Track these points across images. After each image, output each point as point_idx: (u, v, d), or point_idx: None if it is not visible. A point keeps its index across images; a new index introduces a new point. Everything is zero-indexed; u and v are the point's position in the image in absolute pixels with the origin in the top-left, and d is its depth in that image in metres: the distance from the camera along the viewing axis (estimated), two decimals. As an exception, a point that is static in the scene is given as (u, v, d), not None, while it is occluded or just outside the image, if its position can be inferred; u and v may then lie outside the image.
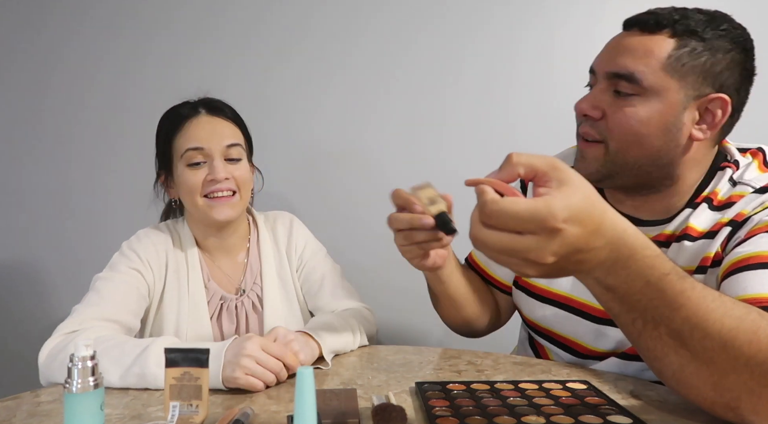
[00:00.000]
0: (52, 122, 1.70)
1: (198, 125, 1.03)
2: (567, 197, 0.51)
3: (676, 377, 0.59)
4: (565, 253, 0.51)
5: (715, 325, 0.55)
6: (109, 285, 0.96)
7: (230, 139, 1.04)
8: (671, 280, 0.55)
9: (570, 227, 0.50)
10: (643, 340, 0.59)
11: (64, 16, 1.67)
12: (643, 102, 0.76)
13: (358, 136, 1.61)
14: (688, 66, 0.75)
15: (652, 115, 0.76)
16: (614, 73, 0.77)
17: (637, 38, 0.77)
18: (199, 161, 1.01)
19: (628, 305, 0.57)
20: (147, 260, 1.03)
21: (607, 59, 0.79)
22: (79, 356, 0.54)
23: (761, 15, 1.43)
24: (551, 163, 0.53)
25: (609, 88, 0.79)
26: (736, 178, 0.79)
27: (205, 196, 1.02)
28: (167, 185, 1.10)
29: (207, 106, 1.07)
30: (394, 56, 1.58)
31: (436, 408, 0.66)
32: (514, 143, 1.50)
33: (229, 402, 0.72)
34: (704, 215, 0.78)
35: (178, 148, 1.03)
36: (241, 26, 1.62)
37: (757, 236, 0.70)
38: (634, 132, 0.77)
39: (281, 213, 1.19)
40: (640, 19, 0.78)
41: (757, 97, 1.23)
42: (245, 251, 1.13)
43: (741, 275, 0.68)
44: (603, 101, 0.79)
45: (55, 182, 1.71)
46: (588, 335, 0.87)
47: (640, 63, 0.75)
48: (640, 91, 0.76)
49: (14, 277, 1.73)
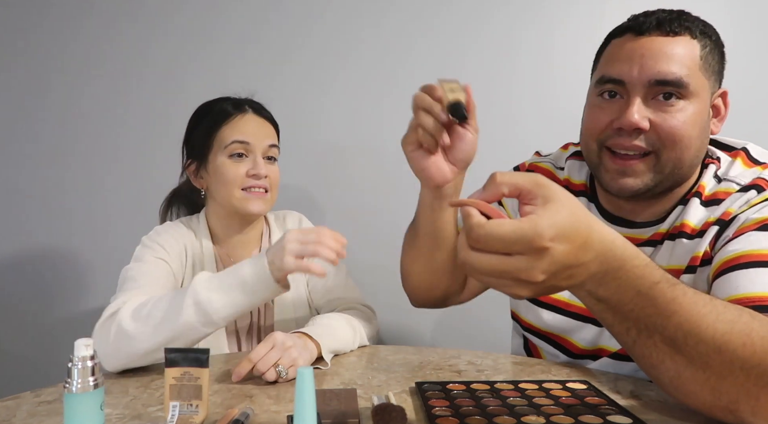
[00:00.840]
0: (54, 122, 1.70)
1: (247, 121, 1.09)
2: (552, 215, 0.51)
3: (674, 384, 0.59)
4: (555, 270, 0.51)
5: (708, 330, 0.55)
6: (142, 270, 0.98)
7: (272, 139, 1.11)
8: (662, 288, 0.55)
9: (557, 244, 0.50)
10: (638, 348, 0.59)
11: (65, 16, 1.67)
12: (687, 105, 0.76)
13: (364, 133, 1.62)
14: (711, 65, 0.78)
15: (696, 118, 0.77)
16: (660, 81, 0.75)
17: (665, 41, 0.77)
18: (242, 153, 1.06)
19: (621, 315, 0.58)
20: (170, 251, 1.05)
21: (646, 67, 0.76)
22: (79, 356, 0.54)
23: (761, 15, 1.43)
24: (535, 180, 0.53)
25: (648, 97, 0.77)
26: (721, 175, 0.81)
27: (242, 189, 1.06)
28: (197, 175, 1.12)
29: (252, 105, 1.12)
30: (399, 55, 1.59)
31: (436, 408, 0.66)
32: (516, 140, 1.50)
33: (229, 402, 0.72)
34: (697, 210, 0.79)
35: (223, 138, 1.06)
36: (246, 25, 1.62)
37: (745, 235, 0.71)
38: (687, 136, 0.76)
39: (290, 212, 1.23)
40: (661, 21, 0.77)
41: (757, 97, 1.23)
42: (258, 248, 1.15)
43: (732, 274, 0.69)
44: (648, 111, 0.77)
45: (56, 182, 1.71)
46: (585, 339, 0.88)
47: (683, 67, 0.75)
48: (686, 94, 0.76)
49: (14, 277, 1.73)
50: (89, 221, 1.71)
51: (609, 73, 0.80)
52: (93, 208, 1.70)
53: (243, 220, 1.11)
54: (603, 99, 0.82)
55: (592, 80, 0.86)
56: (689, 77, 0.75)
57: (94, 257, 1.70)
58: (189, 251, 1.08)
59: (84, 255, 1.70)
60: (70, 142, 1.69)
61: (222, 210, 1.10)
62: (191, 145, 1.12)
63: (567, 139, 1.02)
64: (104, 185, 1.69)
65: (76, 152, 1.70)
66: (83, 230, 1.70)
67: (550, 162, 0.99)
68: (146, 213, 1.20)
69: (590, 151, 0.84)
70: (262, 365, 0.77)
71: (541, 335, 0.94)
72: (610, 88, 0.80)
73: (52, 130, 1.70)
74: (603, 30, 0.87)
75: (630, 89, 0.78)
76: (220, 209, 1.11)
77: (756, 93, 1.43)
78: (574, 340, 0.90)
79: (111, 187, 1.69)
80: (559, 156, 0.99)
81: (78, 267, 1.70)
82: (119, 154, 1.67)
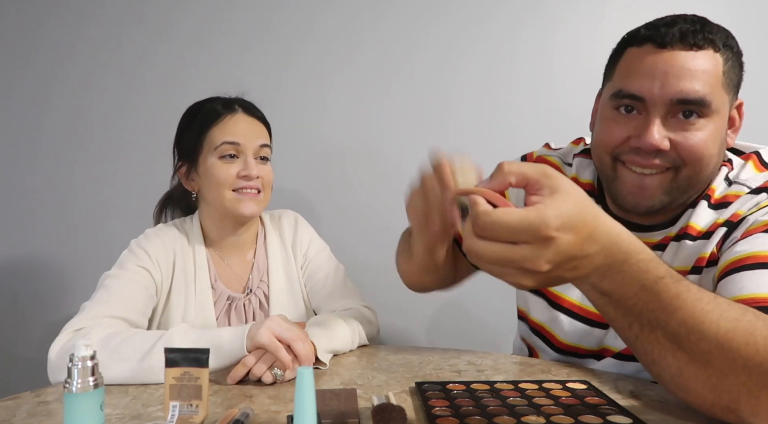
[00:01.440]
0: (59, 123, 1.70)
1: (237, 122, 1.06)
2: (559, 205, 0.51)
3: (675, 381, 0.59)
4: (560, 260, 0.51)
5: (712, 327, 0.55)
6: (117, 283, 0.97)
7: (263, 139, 1.08)
8: (666, 283, 0.55)
9: (563, 234, 0.50)
10: (640, 344, 0.59)
11: (71, 18, 1.68)
12: (707, 123, 0.74)
13: (364, 134, 1.62)
14: (732, 79, 0.76)
15: (716, 135, 0.75)
16: (682, 100, 0.73)
17: (688, 57, 0.73)
18: (233, 154, 1.04)
19: (624, 310, 0.57)
20: (156, 258, 1.03)
21: (668, 85, 0.73)
22: (79, 356, 0.54)
23: (761, 15, 1.43)
24: (542, 170, 0.53)
25: (669, 115, 0.74)
26: (732, 178, 0.79)
27: (233, 190, 1.04)
28: (188, 177, 1.10)
29: (243, 105, 1.09)
30: (398, 56, 1.59)
31: (436, 408, 0.66)
32: (517, 140, 1.49)
33: (229, 402, 0.72)
34: (704, 213, 0.78)
35: (212, 140, 1.04)
36: (248, 26, 1.63)
37: (753, 236, 0.70)
38: (707, 155, 0.74)
39: (285, 211, 1.21)
40: (684, 34, 0.73)
41: (758, 97, 1.23)
42: (253, 249, 1.14)
43: (737, 275, 0.68)
44: (668, 130, 0.75)
45: (58, 182, 1.71)
46: (591, 340, 0.88)
47: (706, 85, 0.72)
48: (707, 112, 0.74)
49: (15, 276, 1.73)
50: (90, 222, 1.71)
51: (628, 88, 0.76)
52: (94, 209, 1.70)
53: (236, 221, 1.09)
54: (619, 113, 0.78)
55: (608, 90, 0.81)
56: (712, 95, 0.73)
57: (94, 257, 1.69)
58: (179, 255, 1.06)
59: (84, 255, 1.70)
60: (75, 144, 1.70)
61: (214, 212, 1.08)
62: (181, 147, 1.10)
63: (567, 139, 1.02)
64: (106, 187, 1.69)
65: (81, 154, 1.70)
66: (83, 230, 1.71)
67: (558, 157, 0.96)
68: (149, 214, 1.20)
69: (604, 164, 0.82)
70: (258, 370, 0.78)
71: (541, 335, 0.94)
72: (627, 103, 0.77)
73: (58, 131, 1.70)
74: (603, 30, 0.87)
75: (650, 107, 0.74)
76: (213, 211, 1.09)
77: (756, 93, 1.43)
78: (556, 333, 0.89)
79: (113, 189, 1.69)
80: (569, 151, 0.96)
81: (78, 267, 1.70)
82: (124, 156, 1.68)
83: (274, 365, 0.78)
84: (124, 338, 0.83)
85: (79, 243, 1.71)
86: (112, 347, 0.81)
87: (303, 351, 0.79)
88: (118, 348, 0.81)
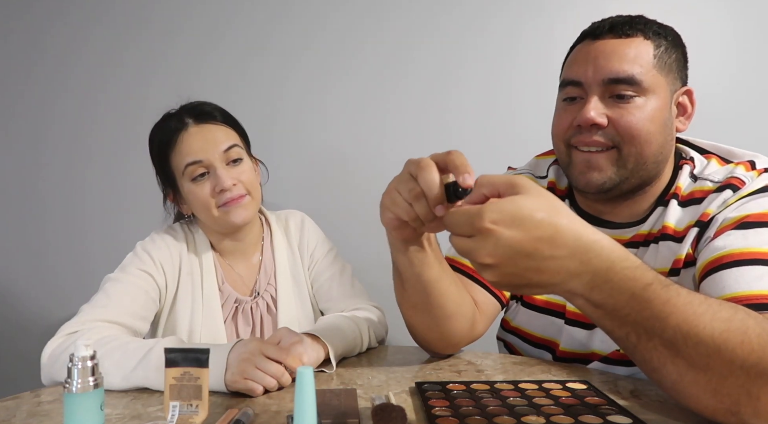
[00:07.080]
0: (66, 126, 1.71)
1: (189, 138, 1.00)
2: (504, 202, 0.53)
3: (676, 388, 0.59)
4: (503, 255, 0.53)
5: (707, 329, 0.55)
6: (117, 287, 0.95)
7: (226, 142, 1.01)
8: (655, 289, 0.55)
9: (503, 228, 0.52)
10: (639, 353, 0.59)
11: (78, 21, 1.69)
12: (644, 102, 0.79)
13: (367, 136, 1.63)
14: (667, 63, 0.80)
15: (654, 113, 0.79)
16: (613, 79, 0.79)
17: (618, 43, 0.80)
18: (203, 173, 0.99)
19: (619, 320, 0.58)
20: (160, 263, 1.01)
21: (599, 67, 0.80)
22: (79, 356, 0.54)
23: (761, 15, 1.43)
24: (510, 180, 0.55)
25: (605, 95, 0.80)
26: (696, 174, 0.83)
27: (218, 206, 1.00)
28: (178, 202, 1.08)
29: (192, 114, 1.03)
30: (400, 59, 1.60)
31: (436, 408, 0.66)
32: (518, 143, 1.50)
33: (229, 402, 0.72)
34: (675, 211, 0.81)
35: (176, 165, 1.01)
36: (251, 30, 1.64)
37: (725, 234, 0.72)
38: (645, 131, 0.79)
39: (292, 212, 1.19)
40: (614, 25, 0.81)
41: (758, 97, 1.23)
42: (260, 251, 1.12)
43: (717, 275, 0.70)
44: (605, 108, 0.80)
45: (65, 183, 1.71)
46: (577, 343, 0.89)
47: (635, 65, 0.79)
48: (641, 91, 0.79)
49: (15, 276, 1.73)
50: (90, 222, 1.71)
51: (568, 76, 0.84)
52: (94, 209, 1.71)
53: (234, 230, 1.06)
54: (566, 103, 0.86)
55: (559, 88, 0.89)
56: (642, 75, 0.78)
57: (94, 257, 1.70)
58: (185, 259, 1.04)
59: (84, 255, 1.70)
60: (81, 144, 1.70)
61: (212, 226, 1.06)
62: (159, 175, 1.08)
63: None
64: (113, 188, 1.70)
65: (87, 154, 1.71)
66: (84, 230, 1.71)
67: (527, 172, 1.00)
68: (152, 215, 1.19)
69: (560, 152, 0.88)
70: (269, 384, 0.75)
71: (529, 341, 0.95)
72: (570, 90, 0.84)
73: (65, 135, 1.71)
74: (604, 31, 0.87)
75: (587, 89, 0.82)
76: (209, 226, 1.07)
77: (756, 93, 1.43)
78: (570, 348, 0.90)
79: (120, 190, 1.70)
80: (536, 164, 1.01)
81: (78, 267, 1.71)
82: (130, 155, 1.68)
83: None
84: (111, 348, 0.80)
85: (79, 242, 1.71)
86: (103, 353, 0.78)
87: (294, 365, 0.76)
88: (107, 356, 0.78)
